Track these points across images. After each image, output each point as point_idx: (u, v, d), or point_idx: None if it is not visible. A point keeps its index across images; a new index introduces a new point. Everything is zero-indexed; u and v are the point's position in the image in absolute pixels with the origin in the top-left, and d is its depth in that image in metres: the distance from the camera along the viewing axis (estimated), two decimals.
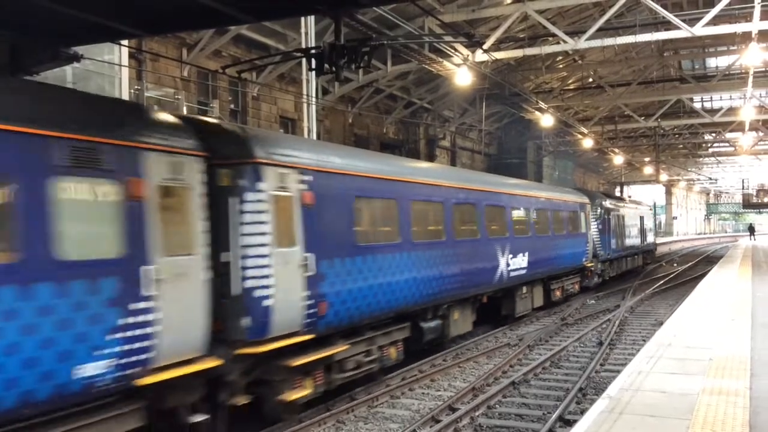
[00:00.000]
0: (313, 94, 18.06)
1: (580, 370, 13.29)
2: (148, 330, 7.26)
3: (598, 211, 27.79)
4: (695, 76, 35.84)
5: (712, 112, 39.83)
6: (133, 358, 7.10)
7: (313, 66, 9.81)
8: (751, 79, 30.15)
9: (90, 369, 6.64)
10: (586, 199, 26.14)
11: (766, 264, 28.74)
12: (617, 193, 51.54)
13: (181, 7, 8.84)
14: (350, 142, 26.22)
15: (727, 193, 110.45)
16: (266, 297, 8.80)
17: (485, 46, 20.98)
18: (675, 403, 7.46)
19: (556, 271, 21.80)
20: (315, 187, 9.92)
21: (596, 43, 21.64)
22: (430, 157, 33.09)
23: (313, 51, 9.94)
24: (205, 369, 7.87)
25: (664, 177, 66.30)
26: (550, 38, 23.01)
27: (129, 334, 7.05)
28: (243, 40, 20.50)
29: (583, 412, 9.22)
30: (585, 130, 38.49)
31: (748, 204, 65.26)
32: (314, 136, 17.98)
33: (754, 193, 62.31)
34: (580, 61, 34.24)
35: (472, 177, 18.12)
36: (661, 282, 29.97)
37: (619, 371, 10.23)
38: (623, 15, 25.53)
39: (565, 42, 21.24)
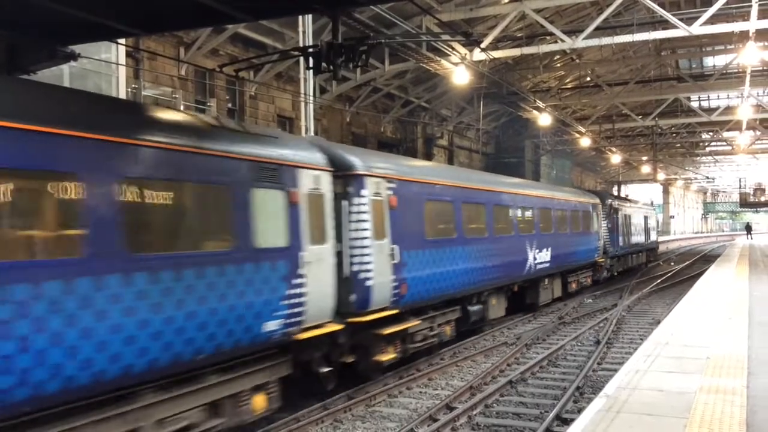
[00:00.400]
0: (311, 93, 18.04)
1: (577, 368, 13.31)
2: (302, 299, 9.62)
3: (608, 211, 29.53)
4: (692, 75, 35.88)
5: (710, 111, 39.86)
6: (293, 320, 9.44)
7: (311, 65, 9.80)
8: (748, 78, 30.17)
9: (271, 325, 9.00)
10: (597, 200, 28.17)
11: (763, 263, 28.79)
12: (615, 192, 52.23)
13: (178, 5, 8.83)
14: (348, 141, 26.20)
15: (724, 192, 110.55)
16: (367, 279, 11.24)
17: (483, 45, 20.98)
18: (672, 401, 7.47)
19: (573, 265, 23.88)
20: (398, 192, 12.35)
21: (594, 42, 21.65)
22: (428, 156, 33.09)
23: (310, 50, 9.93)
24: (331, 331, 10.32)
25: (661, 176, 66.38)
26: (548, 37, 23.01)
27: (292, 301, 9.41)
28: (240, 39, 20.49)
29: (580, 410, 9.23)
30: (582, 129, 38.54)
31: (745, 203, 65.30)
32: (311, 135, 17.98)
33: (751, 192, 62.35)
34: (577, 60, 34.28)
35: (507, 182, 20.22)
36: (659, 281, 30.00)
37: (616, 370, 10.24)
38: (621, 14, 25.57)
39: (562, 41, 21.24)
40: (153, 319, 7.22)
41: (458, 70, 21.18)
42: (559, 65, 34.55)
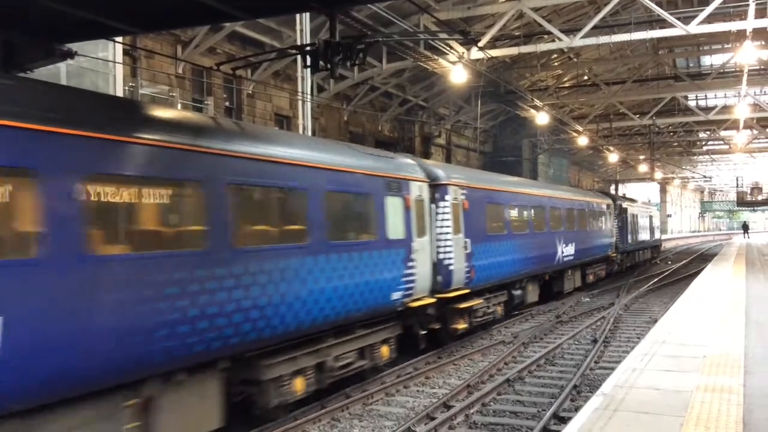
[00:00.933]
0: (308, 92, 18.03)
1: (574, 367, 13.32)
2: (413, 277, 12.72)
3: (618, 211, 32.25)
4: (690, 74, 35.91)
5: (707, 110, 39.92)
6: (408, 292, 12.58)
7: (308, 63, 9.81)
8: (745, 77, 30.23)
9: (395, 295, 12.17)
10: (609, 201, 31.36)
11: (760, 262, 28.83)
12: (612, 191, 52.61)
13: (176, 4, 8.82)
14: (345, 140, 26.18)
15: (721, 191, 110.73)
16: (450, 264, 14.31)
17: (480, 44, 20.98)
18: (669, 400, 7.48)
19: (591, 258, 27.11)
20: (468, 197, 15.40)
21: (591, 41, 21.66)
22: (426, 155, 33.09)
23: (308, 48, 9.95)
24: (427, 303, 13.34)
25: (658, 175, 66.47)
26: (546, 36, 23.03)
27: (407, 278, 12.53)
28: (238, 37, 20.47)
29: (577, 409, 9.25)
30: (580, 128, 38.57)
31: (742, 202, 65.33)
32: (309, 134, 17.97)
33: (748, 191, 62.39)
34: (575, 59, 34.30)
35: (542, 186, 24.98)
36: (656, 280, 30.04)
37: (613, 369, 10.26)
38: (618, 13, 25.60)
39: (560, 40, 21.26)
40: (334, 287, 10.41)
41: (456, 69, 21.20)
42: (556, 64, 34.57)
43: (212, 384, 8.39)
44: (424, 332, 13.84)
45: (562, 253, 22.59)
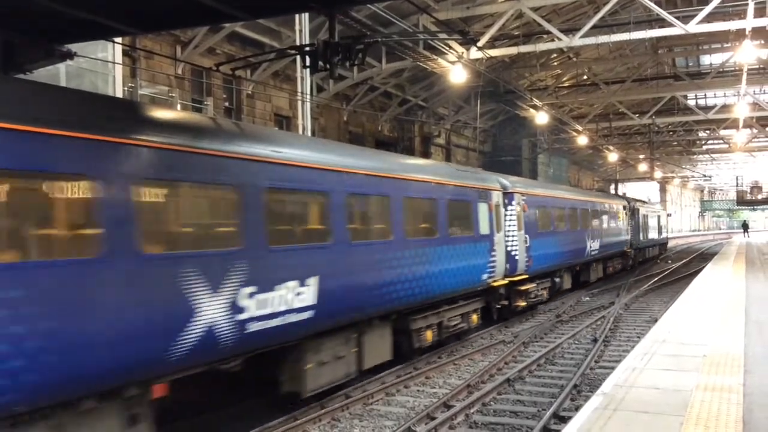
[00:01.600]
0: (308, 92, 18.03)
1: (574, 367, 13.33)
2: (494, 264, 16.46)
3: (631, 212, 35.83)
4: (689, 74, 35.91)
5: (707, 109, 39.93)
6: (491, 274, 16.31)
7: (308, 63, 9.81)
8: (745, 76, 30.26)
9: (483, 276, 15.91)
10: (625, 203, 35.25)
11: (760, 261, 28.83)
12: (612, 191, 53.20)
13: (175, 4, 8.82)
14: (345, 140, 26.19)
15: (721, 190, 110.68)
16: (515, 254, 18.07)
17: (480, 44, 20.98)
18: (669, 399, 7.49)
19: (611, 253, 30.86)
20: (527, 202, 19.45)
21: (591, 40, 21.65)
22: (425, 155, 33.10)
23: (307, 48, 9.94)
24: (502, 284, 17.21)
25: (658, 174, 66.46)
26: (545, 35, 23.04)
27: (490, 264, 16.25)
28: (237, 38, 20.47)
29: (577, 408, 9.26)
30: (580, 128, 38.57)
31: (742, 201, 65.23)
32: (309, 134, 17.97)
33: (748, 190, 62.30)
34: (574, 59, 34.30)
35: (575, 191, 30.71)
36: (656, 279, 30.05)
37: (613, 368, 10.26)
38: (617, 12, 25.60)
39: (559, 39, 21.25)
40: (449, 269, 14.14)
41: (455, 69, 21.20)
42: (556, 64, 34.57)
43: (388, 329, 12.43)
44: (498, 306, 17.74)
45: (590, 248, 26.64)
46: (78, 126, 6.67)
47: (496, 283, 16.73)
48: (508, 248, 17.69)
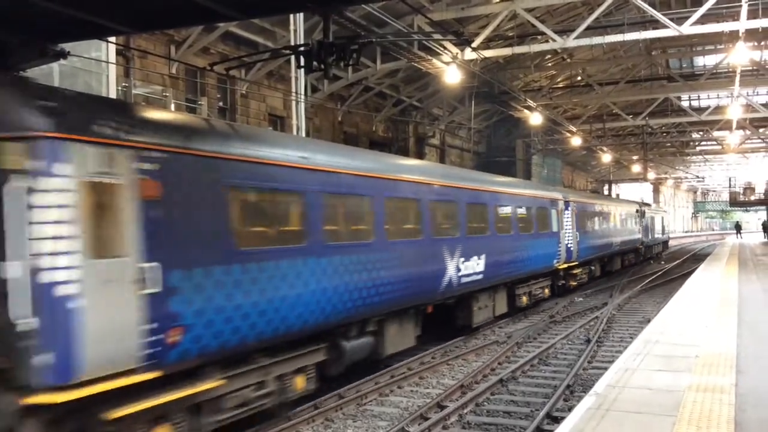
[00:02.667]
0: (302, 92, 18.02)
1: (567, 367, 13.35)
2: (559, 253, 22.64)
3: (641, 214, 41.69)
4: (683, 75, 36.03)
5: (700, 110, 40.04)
6: (557, 261, 22.56)
7: (302, 63, 9.78)
8: (738, 77, 30.33)
9: (552, 261, 22.23)
10: (637, 206, 41.87)
11: (753, 262, 28.94)
12: (605, 192, 53.97)
13: (169, 3, 8.79)
14: (339, 140, 26.19)
15: (714, 191, 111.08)
16: (570, 247, 23.98)
17: (474, 44, 21.02)
18: (661, 399, 7.51)
19: (628, 248, 37.42)
20: (576, 208, 25.48)
21: (585, 41, 21.69)
22: (420, 155, 33.11)
23: (301, 48, 9.92)
24: (563, 268, 23.40)
25: (651, 175, 66.57)
26: (539, 37, 23.04)
27: (558, 253, 22.57)
28: (231, 38, 20.45)
29: (570, 409, 9.27)
30: (573, 129, 38.63)
31: (734, 202, 65.43)
32: (303, 134, 17.96)
33: (741, 192, 62.50)
34: (568, 60, 34.38)
35: (605, 198, 41.27)
36: (649, 280, 30.12)
37: (606, 368, 10.28)
38: (611, 14, 25.67)
39: (553, 40, 21.29)
40: (534, 255, 19.87)
41: (450, 70, 21.21)
42: (550, 65, 34.63)
43: (505, 292, 18.93)
44: (560, 284, 24.02)
45: (614, 244, 32.91)
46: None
47: (560, 267, 22.93)
48: (566, 242, 23.54)
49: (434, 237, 13.79)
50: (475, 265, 15.50)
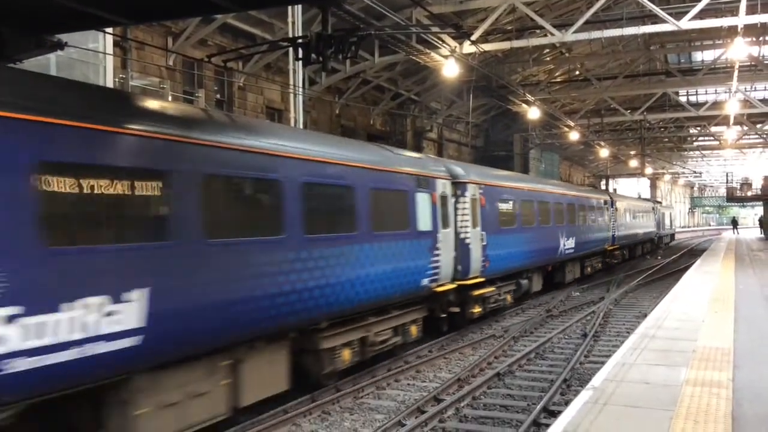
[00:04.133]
0: (300, 85, 17.97)
1: (564, 361, 13.37)
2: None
3: (656, 210, 49.84)
4: (681, 70, 36.00)
5: (698, 105, 40.06)
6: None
7: (300, 56, 9.74)
8: (736, 73, 30.31)
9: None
10: (653, 204, 50.97)
11: (749, 257, 29.00)
12: (602, 186, 54.36)
13: None
14: (337, 133, 26.10)
15: (711, 186, 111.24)
16: (614, 235, 33.49)
17: (473, 38, 20.96)
18: (658, 394, 7.52)
19: (646, 239, 45.10)
20: (618, 207, 34.49)
21: (583, 35, 21.67)
22: (418, 149, 33.04)
23: (300, 41, 9.88)
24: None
25: (649, 170, 66.62)
26: (538, 31, 23.05)
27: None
28: (229, 30, 20.37)
29: (567, 403, 9.28)
30: (571, 123, 38.61)
31: (731, 198, 65.45)
32: (300, 127, 17.91)
33: (738, 187, 62.57)
34: (567, 54, 34.32)
35: (636, 199, 48.79)
36: (645, 274, 30.17)
37: (603, 363, 10.30)
38: (610, 8, 25.62)
39: (552, 34, 21.27)
40: (583, 240, 26.59)
41: (448, 63, 21.16)
42: (548, 59, 34.59)
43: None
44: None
45: (637, 234, 40.53)
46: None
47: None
48: (613, 232, 30.22)
49: (556, 225, 23.44)
50: (571, 243, 24.79)
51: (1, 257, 6.02)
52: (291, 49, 14.43)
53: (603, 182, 63.39)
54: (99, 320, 6.72)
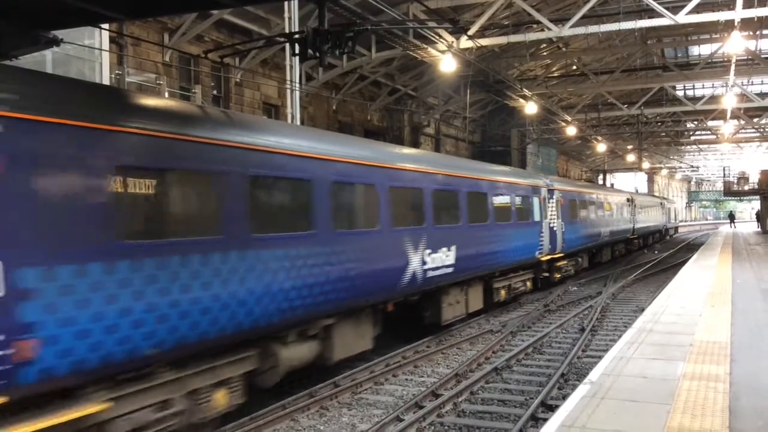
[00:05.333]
0: (297, 80, 17.94)
1: (562, 356, 13.39)
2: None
3: (664, 205, 55.96)
4: (678, 64, 35.97)
5: (695, 100, 40.03)
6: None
7: (297, 51, 9.73)
8: (733, 67, 30.33)
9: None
10: (661, 200, 56.74)
11: (746, 251, 29.05)
12: (600, 181, 54.73)
13: None
14: (334, 129, 26.10)
15: (708, 180, 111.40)
16: (630, 228, 39.79)
17: (470, 33, 20.92)
18: (656, 388, 7.53)
19: (656, 230, 51.40)
20: (636, 203, 41.31)
21: (580, 30, 21.61)
22: (415, 144, 33.03)
23: (296, 36, 9.87)
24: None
25: (646, 165, 66.70)
26: (535, 25, 22.99)
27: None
28: (225, 25, 20.33)
29: (565, 397, 9.30)
30: (568, 118, 38.61)
31: (728, 192, 65.63)
32: (297, 122, 17.89)
33: (735, 181, 62.71)
34: (564, 49, 34.28)
35: (649, 195, 58.39)
36: (643, 269, 30.21)
37: (600, 357, 10.32)
38: (607, 2, 25.59)
39: (549, 29, 21.21)
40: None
41: (445, 58, 21.12)
42: (545, 54, 34.54)
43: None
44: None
45: (650, 226, 46.65)
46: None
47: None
48: (635, 225, 32.71)
49: (599, 218, 29.90)
50: (607, 231, 31.42)
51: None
52: (287, 45, 14.35)
53: (600, 177, 63.50)
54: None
